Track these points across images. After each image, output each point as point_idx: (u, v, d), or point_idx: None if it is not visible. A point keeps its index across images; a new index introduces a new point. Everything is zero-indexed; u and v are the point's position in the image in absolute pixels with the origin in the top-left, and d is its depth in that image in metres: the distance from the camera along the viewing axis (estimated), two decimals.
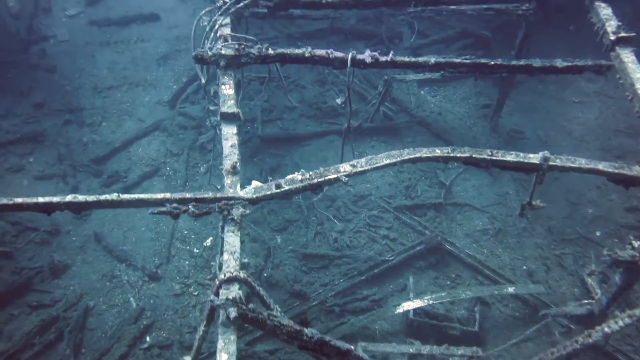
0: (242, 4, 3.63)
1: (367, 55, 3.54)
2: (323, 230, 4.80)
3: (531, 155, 2.97)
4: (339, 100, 3.92)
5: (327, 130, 5.51)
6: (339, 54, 3.53)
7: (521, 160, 2.92)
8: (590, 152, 5.30)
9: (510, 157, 2.96)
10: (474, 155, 2.95)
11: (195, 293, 4.42)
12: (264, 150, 5.38)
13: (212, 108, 3.80)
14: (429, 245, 4.62)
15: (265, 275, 4.45)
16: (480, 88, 5.87)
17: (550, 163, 2.90)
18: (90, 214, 4.84)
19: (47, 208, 2.70)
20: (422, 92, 5.97)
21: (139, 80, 5.96)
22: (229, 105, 3.28)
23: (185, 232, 4.78)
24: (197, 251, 4.66)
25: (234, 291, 2.55)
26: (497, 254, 4.67)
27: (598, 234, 4.74)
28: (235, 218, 2.85)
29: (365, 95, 5.71)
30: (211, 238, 4.73)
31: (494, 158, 2.94)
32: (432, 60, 3.57)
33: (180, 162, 5.29)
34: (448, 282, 4.51)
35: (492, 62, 3.53)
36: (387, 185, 5.17)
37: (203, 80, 3.73)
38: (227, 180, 3.03)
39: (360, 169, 3.02)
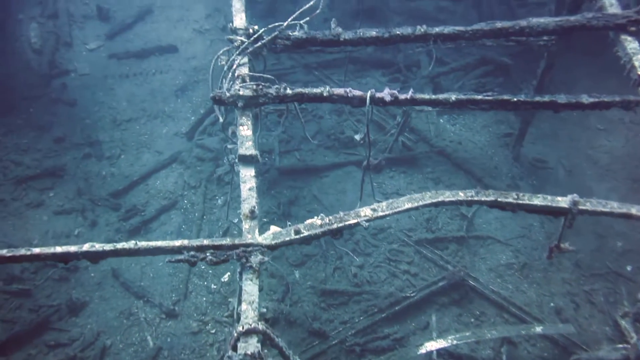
0: (259, 44, 3.61)
1: (386, 93, 3.48)
2: (342, 264, 4.72)
3: (560, 198, 2.86)
4: (357, 137, 3.86)
5: (345, 161, 5.45)
6: (357, 93, 3.48)
7: (549, 204, 2.80)
8: (618, 182, 5.14)
9: (538, 200, 2.85)
10: (499, 199, 2.85)
11: (213, 331, 4.36)
12: (281, 182, 5.34)
13: (229, 146, 3.76)
14: (452, 280, 4.50)
15: (284, 312, 4.36)
16: (500, 116, 5.77)
17: (580, 207, 2.79)
18: None
19: (65, 258, 2.67)
20: (441, 120, 5.88)
21: (157, 112, 5.99)
22: (247, 147, 3.24)
23: (203, 267, 4.73)
24: (215, 287, 4.61)
25: (253, 345, 2.48)
26: (523, 289, 4.52)
27: (629, 268, 4.56)
28: (254, 266, 2.78)
29: (383, 125, 5.64)
30: (229, 273, 4.67)
31: (520, 202, 2.83)
32: (453, 97, 3.49)
33: (197, 194, 5.27)
34: (472, 320, 4.37)
35: (515, 99, 3.44)
36: (407, 217, 5.07)
37: (221, 120, 3.71)
38: (246, 225, 2.97)
39: (381, 214, 2.94)
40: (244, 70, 3.58)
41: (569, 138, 5.57)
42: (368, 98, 3.45)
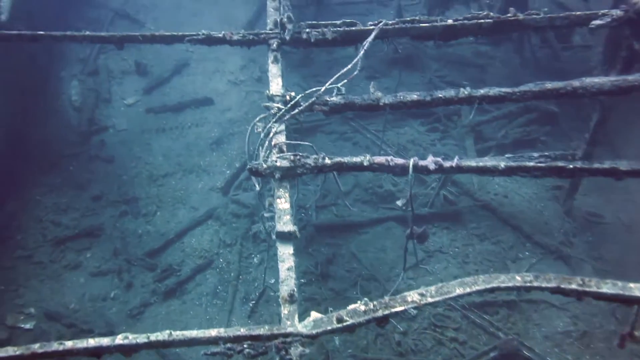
0: (296, 111, 3.50)
1: (430, 162, 3.29)
2: (384, 331, 4.45)
3: (632, 285, 2.58)
4: (399, 203, 3.67)
5: (384, 216, 5.24)
6: (399, 161, 3.31)
7: (620, 292, 2.53)
8: None
9: (606, 287, 2.58)
10: (561, 285, 2.59)
11: None
12: (318, 239, 5.16)
13: (266, 215, 3.63)
14: (504, 350, 4.17)
15: None
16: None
17: None
18: (144, 312, 4.74)
19: (98, 352, 2.55)
20: None
21: (193, 166, 5.96)
22: (285, 222, 3.10)
23: None
24: None
25: None
26: None
27: None
28: (294, 359, 2.59)
29: (424, 179, 5.43)
30: None
31: (586, 289, 2.56)
32: (502, 164, 3.28)
33: (233, 253, 5.14)
34: None
35: (572, 166, 3.20)
36: (452, 278, 4.78)
37: (258, 188, 3.59)
38: (284, 310, 2.80)
39: (430, 300, 2.72)
40: (281, 138, 3.46)
41: (625, 190, 5.20)
42: (411, 167, 3.27)
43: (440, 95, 3.54)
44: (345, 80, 3.71)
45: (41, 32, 4.12)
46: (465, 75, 6.49)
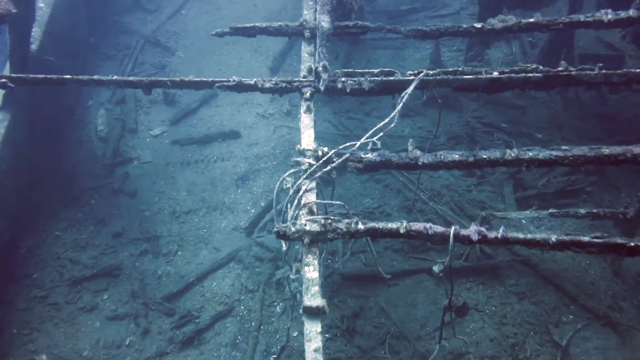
0: (328, 167, 3.25)
1: (472, 232, 2.99)
2: None
3: None
4: (436, 269, 3.36)
5: (415, 268, 4.94)
6: (439, 230, 3.02)
7: None
8: None
9: None
10: None
11: None
12: (345, 289, 4.88)
13: (292, 277, 3.37)
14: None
15: None
16: (596, 221, 5.09)
17: None
18: None
19: None
20: (523, 221, 5.27)
21: (217, 203, 5.76)
22: (313, 294, 2.84)
23: None
24: None
25: None
26: None
27: None
28: None
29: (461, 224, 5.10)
30: None
31: None
32: (553, 238, 2.96)
33: (255, 300, 4.90)
34: None
35: (632, 244, 2.85)
36: (489, 341, 4.45)
37: (284, 248, 3.35)
38: None
39: None
40: (311, 197, 3.22)
41: None
42: (451, 237, 2.98)
43: (484, 157, 3.26)
44: (382, 134, 3.47)
45: (68, 77, 3.99)
46: (504, 117, 6.17)
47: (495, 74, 3.65)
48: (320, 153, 3.31)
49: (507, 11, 5.91)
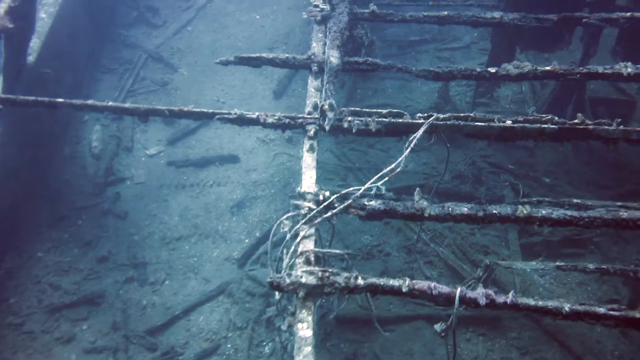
0: (329, 214, 3.04)
1: (480, 295, 2.78)
2: None
3: None
4: (437, 327, 3.14)
5: (413, 314, 4.70)
6: (444, 290, 2.80)
7: None
8: None
9: None
10: None
11: None
12: (339, 333, 4.64)
13: (283, 328, 3.14)
14: None
15: None
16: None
17: None
18: None
19: None
20: (527, 269, 5.05)
21: (210, 230, 5.53)
22: (305, 355, 2.60)
23: None
24: None
25: None
26: None
27: None
28: None
29: (459, 273, 4.88)
30: None
31: None
32: (567, 307, 2.75)
33: (243, 338, 4.65)
34: None
35: None
36: None
37: (277, 297, 3.12)
38: None
39: None
40: (309, 245, 3.00)
41: None
42: (457, 299, 2.76)
43: (495, 212, 3.05)
44: (387, 178, 3.26)
45: (60, 100, 3.79)
46: (511, 158, 5.99)
47: (509, 122, 3.47)
48: (321, 197, 3.10)
49: (520, 51, 5.79)
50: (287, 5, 8.01)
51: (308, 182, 3.22)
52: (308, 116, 3.48)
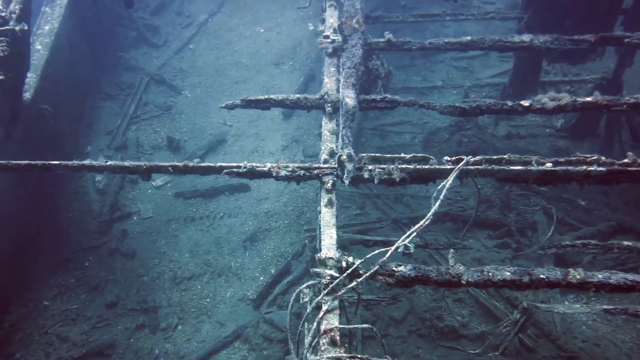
0: (354, 283, 2.71)
1: None
2: None
3: None
4: None
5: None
6: None
7: None
8: None
9: None
10: None
11: None
12: None
13: None
14: None
15: None
16: None
17: None
18: None
19: None
20: (566, 303, 4.68)
21: (222, 267, 5.24)
22: None
23: None
24: None
25: None
26: None
27: None
28: None
29: (495, 314, 4.53)
30: None
31: None
32: None
33: None
34: None
35: None
36: None
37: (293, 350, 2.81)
38: None
39: None
40: (333, 321, 2.68)
41: None
42: None
43: (542, 277, 2.70)
44: (414, 234, 2.93)
45: (55, 162, 3.49)
46: None
47: (549, 165, 3.11)
48: (344, 264, 2.77)
49: (548, 64, 5.39)
50: (292, 17, 7.66)
51: (328, 243, 2.89)
52: (324, 166, 3.14)
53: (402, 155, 3.18)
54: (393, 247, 2.82)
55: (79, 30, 6.28)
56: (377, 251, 2.85)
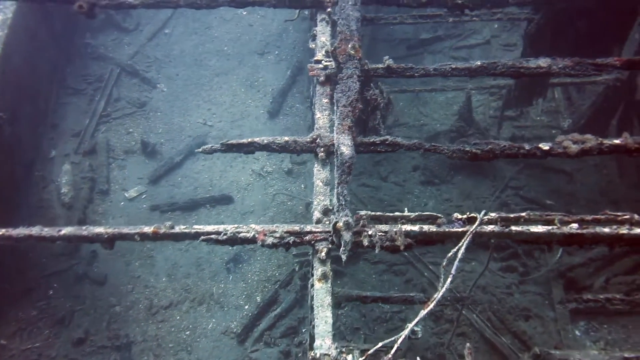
0: None
1: None
2: None
3: None
4: None
5: None
6: None
7: None
8: None
9: None
10: None
11: None
12: None
13: None
14: None
15: None
16: None
17: None
18: None
19: None
20: (577, 332, 4.34)
21: (203, 294, 4.78)
22: None
23: None
24: None
25: None
26: None
27: None
28: None
29: (501, 351, 4.16)
30: None
31: None
32: None
33: None
34: None
35: None
36: None
37: None
38: None
39: None
40: None
41: None
42: None
43: None
44: (420, 317, 2.47)
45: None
46: (548, 186, 5.17)
47: (574, 226, 2.65)
48: None
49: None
50: None
51: (323, 330, 2.41)
52: (317, 230, 2.63)
53: (406, 213, 2.68)
54: (400, 340, 2.37)
55: (38, 15, 5.52)
56: (379, 344, 2.39)
